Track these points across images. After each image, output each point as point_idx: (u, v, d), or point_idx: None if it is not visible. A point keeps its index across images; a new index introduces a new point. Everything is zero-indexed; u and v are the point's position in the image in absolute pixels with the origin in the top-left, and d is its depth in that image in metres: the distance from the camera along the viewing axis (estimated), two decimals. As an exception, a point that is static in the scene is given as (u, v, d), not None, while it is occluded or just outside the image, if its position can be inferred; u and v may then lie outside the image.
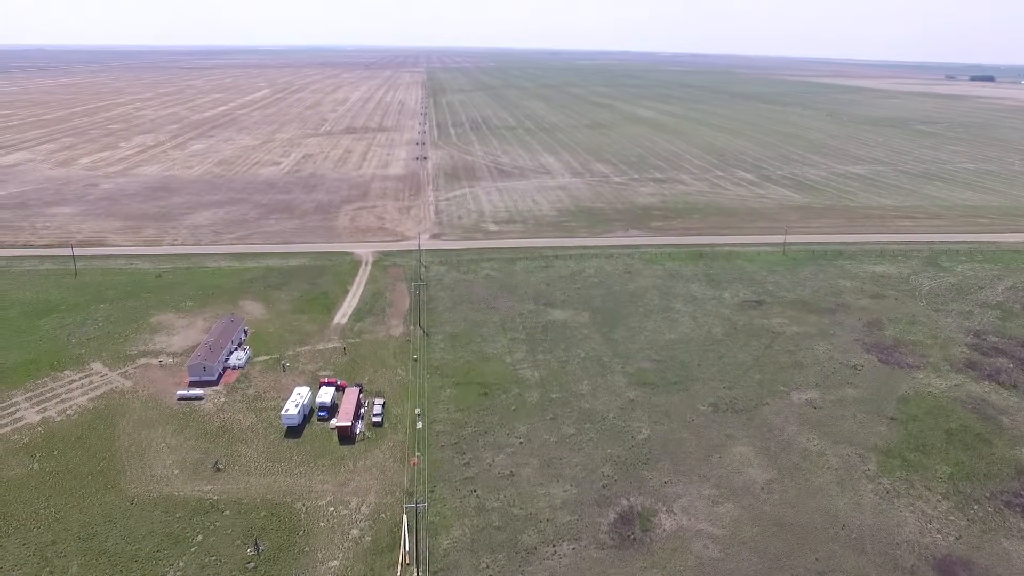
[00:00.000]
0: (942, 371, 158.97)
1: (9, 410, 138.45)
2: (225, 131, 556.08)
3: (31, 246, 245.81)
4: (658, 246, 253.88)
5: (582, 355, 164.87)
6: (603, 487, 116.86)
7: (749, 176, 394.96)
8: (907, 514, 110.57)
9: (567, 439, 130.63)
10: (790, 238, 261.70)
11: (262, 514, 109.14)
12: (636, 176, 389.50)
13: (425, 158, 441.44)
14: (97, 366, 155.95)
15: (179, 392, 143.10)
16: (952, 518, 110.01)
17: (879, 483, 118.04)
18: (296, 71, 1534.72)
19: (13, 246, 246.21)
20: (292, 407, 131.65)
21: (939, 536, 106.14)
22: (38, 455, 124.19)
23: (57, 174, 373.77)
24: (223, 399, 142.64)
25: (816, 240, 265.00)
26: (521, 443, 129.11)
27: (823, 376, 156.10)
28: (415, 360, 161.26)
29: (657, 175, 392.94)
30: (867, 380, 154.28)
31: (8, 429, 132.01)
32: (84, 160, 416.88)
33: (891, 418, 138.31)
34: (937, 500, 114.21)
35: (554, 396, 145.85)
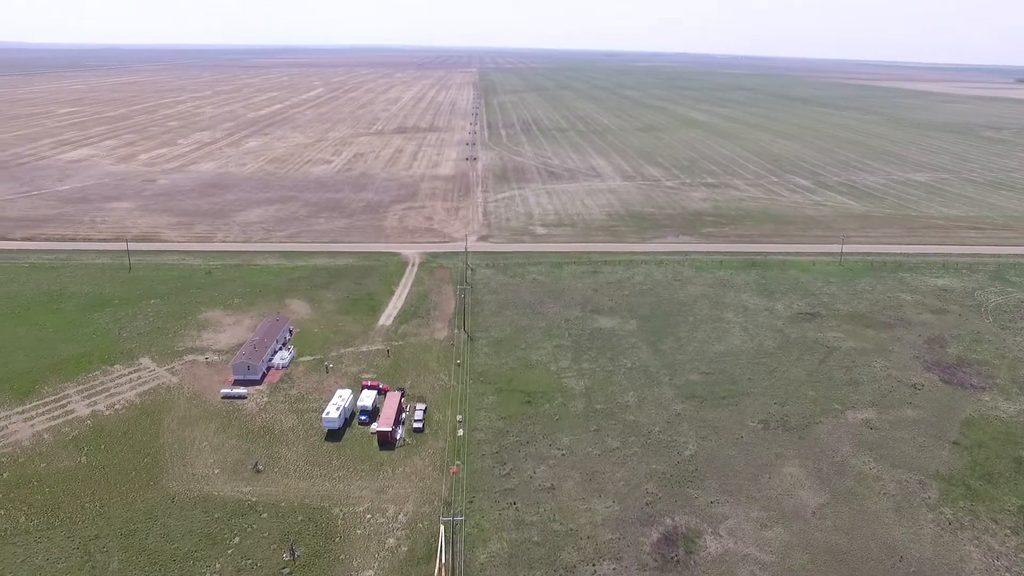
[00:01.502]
0: (1010, 394, 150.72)
1: (61, 402, 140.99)
2: (279, 129, 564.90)
3: (90, 240, 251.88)
4: (709, 253, 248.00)
5: (628, 365, 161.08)
6: (647, 504, 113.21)
7: (805, 182, 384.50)
8: (971, 548, 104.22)
9: (611, 452, 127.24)
10: (847, 248, 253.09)
11: (299, 518, 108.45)
12: (688, 180, 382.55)
13: (475, 159, 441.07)
14: (146, 361, 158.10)
15: (223, 390, 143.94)
16: (1023, 556, 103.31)
17: (940, 513, 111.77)
18: (350, 70, 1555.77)
19: (73, 239, 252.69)
20: (333, 410, 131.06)
21: (1008, 575, 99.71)
22: (86, 448, 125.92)
23: (117, 170, 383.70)
24: (266, 399, 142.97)
25: (875, 250, 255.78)
26: (563, 455, 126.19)
27: (880, 395, 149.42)
28: (458, 365, 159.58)
29: (710, 180, 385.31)
30: (928, 401, 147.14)
31: (60, 421, 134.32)
32: (143, 156, 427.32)
33: (954, 443, 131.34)
34: (1005, 534, 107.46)
35: (599, 407, 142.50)
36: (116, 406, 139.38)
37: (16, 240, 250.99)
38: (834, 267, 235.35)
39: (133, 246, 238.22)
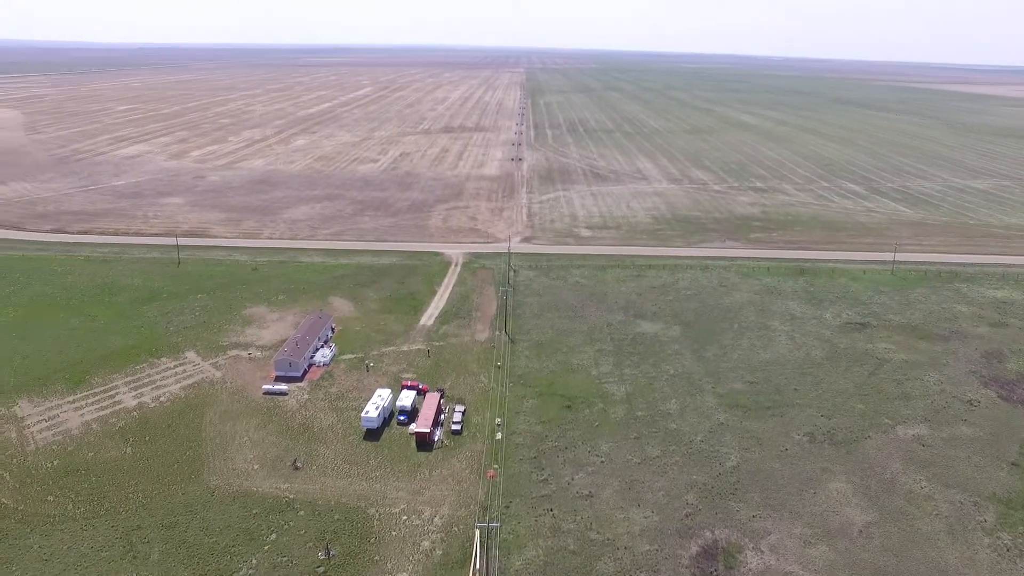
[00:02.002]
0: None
1: (110, 393, 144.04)
2: (327, 127, 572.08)
3: (142, 234, 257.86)
4: (756, 259, 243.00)
5: (671, 372, 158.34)
6: (686, 516, 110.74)
7: (857, 188, 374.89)
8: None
9: (651, 461, 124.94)
10: (900, 256, 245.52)
11: (335, 517, 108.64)
12: (736, 184, 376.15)
13: (520, 159, 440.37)
14: (191, 355, 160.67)
15: (265, 386, 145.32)
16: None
17: (997, 538, 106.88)
18: (399, 70, 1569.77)
19: (127, 233, 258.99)
20: (372, 409, 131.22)
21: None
22: (132, 439, 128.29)
23: (170, 166, 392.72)
24: (306, 396, 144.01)
25: (929, 259, 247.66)
26: (602, 462, 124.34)
27: (933, 410, 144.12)
28: (499, 367, 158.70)
29: (758, 184, 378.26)
30: (985, 418, 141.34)
31: (108, 412, 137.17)
32: (195, 153, 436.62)
33: (1013, 464, 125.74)
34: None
35: (640, 414, 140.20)
36: (161, 399, 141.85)
37: (73, 233, 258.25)
38: (886, 276, 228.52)
39: (182, 241, 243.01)
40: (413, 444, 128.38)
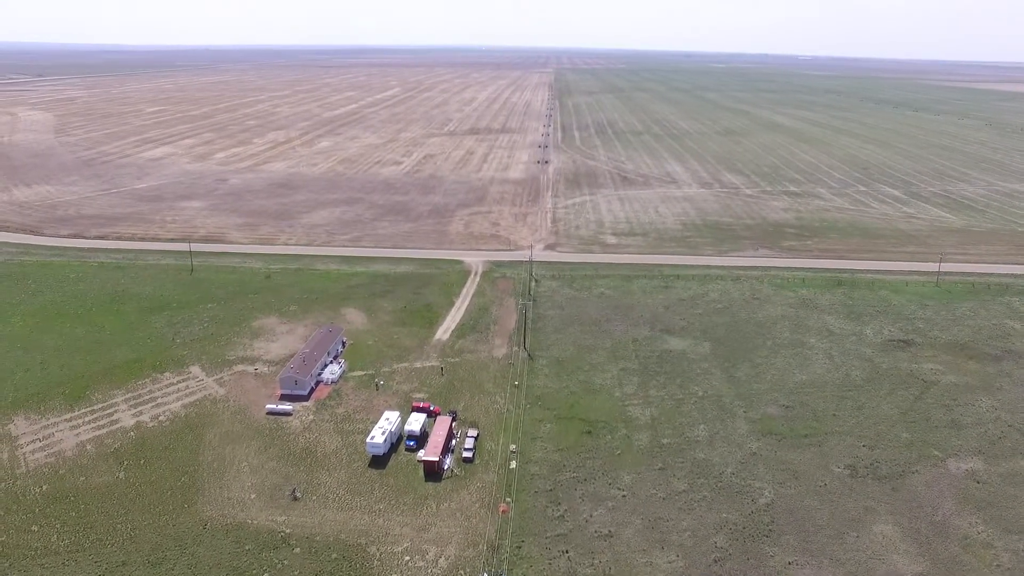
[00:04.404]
0: None
1: (108, 411, 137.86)
2: (352, 129, 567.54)
3: (158, 240, 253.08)
4: (791, 269, 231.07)
5: (700, 394, 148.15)
6: (714, 561, 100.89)
7: (896, 192, 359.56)
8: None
9: (677, 496, 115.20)
10: (945, 266, 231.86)
11: (333, 556, 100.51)
12: (769, 189, 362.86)
13: (547, 162, 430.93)
14: (195, 370, 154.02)
15: (268, 406, 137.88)
16: None
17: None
18: (428, 70, 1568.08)
19: (143, 239, 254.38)
20: (378, 435, 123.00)
21: None
22: (126, 463, 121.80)
23: (193, 168, 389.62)
24: (311, 417, 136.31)
25: (977, 270, 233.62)
26: (624, 496, 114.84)
27: (988, 441, 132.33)
28: (516, 387, 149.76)
29: (792, 188, 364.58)
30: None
31: (104, 432, 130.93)
32: (219, 155, 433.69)
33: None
34: None
35: (665, 441, 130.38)
36: (160, 417, 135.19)
37: (90, 238, 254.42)
38: (930, 288, 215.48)
39: (198, 247, 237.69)
40: (421, 473, 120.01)
